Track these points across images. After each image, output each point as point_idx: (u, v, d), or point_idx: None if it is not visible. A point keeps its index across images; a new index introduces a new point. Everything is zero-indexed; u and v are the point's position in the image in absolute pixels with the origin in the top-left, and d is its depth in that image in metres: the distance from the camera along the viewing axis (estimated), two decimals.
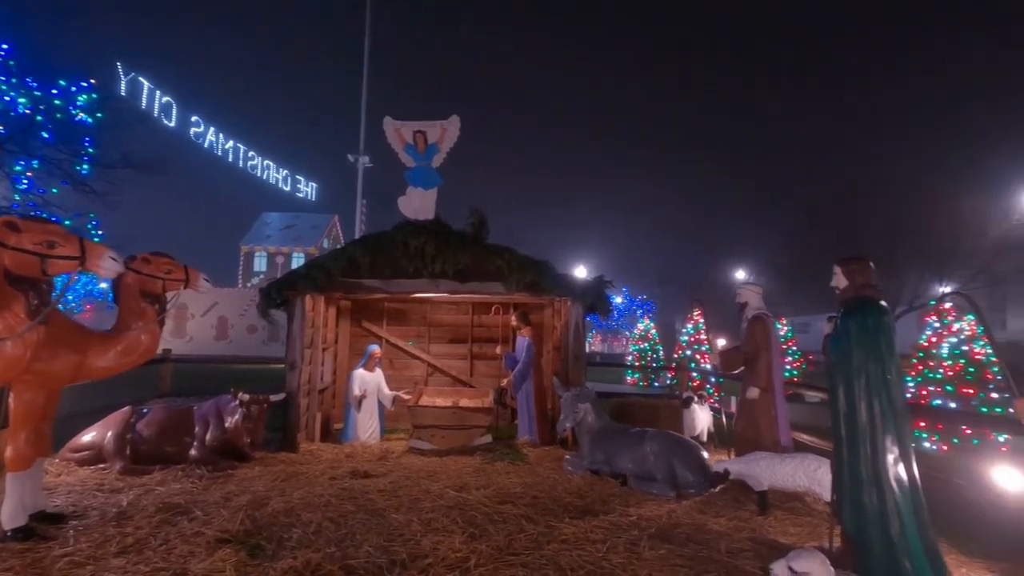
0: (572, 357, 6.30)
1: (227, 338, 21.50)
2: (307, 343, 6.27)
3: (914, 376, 9.00)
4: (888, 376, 3.16)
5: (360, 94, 16.66)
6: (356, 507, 4.10)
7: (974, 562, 3.46)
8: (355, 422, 6.46)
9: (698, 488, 4.70)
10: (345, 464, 5.37)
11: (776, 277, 26.18)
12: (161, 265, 4.01)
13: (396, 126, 6.33)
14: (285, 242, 44.39)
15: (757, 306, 5.23)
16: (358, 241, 6.42)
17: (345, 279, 6.11)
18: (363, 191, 17.43)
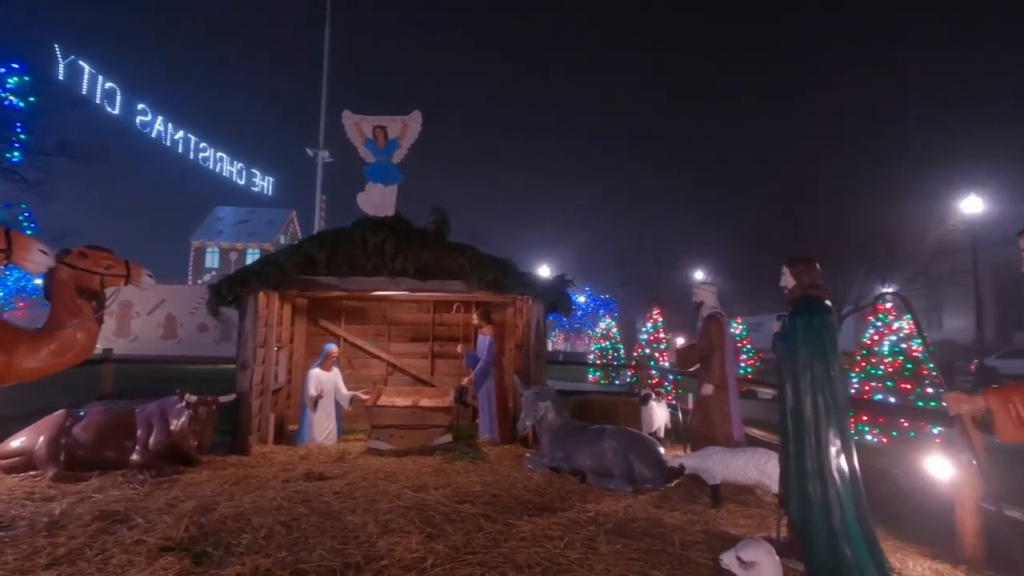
0: (533, 355, 6.32)
1: (175, 337, 20.56)
2: (260, 342, 6.07)
3: (858, 372, 9.46)
4: (832, 372, 3.30)
5: (320, 87, 16.27)
6: (310, 510, 4.00)
7: (909, 547, 3.65)
8: (311, 423, 6.30)
9: (654, 483, 4.80)
10: (299, 466, 5.23)
11: (732, 277, 27.06)
12: (99, 260, 3.79)
13: (355, 120, 6.20)
14: (239, 237, 42.73)
15: (712, 305, 5.37)
16: (315, 237, 6.26)
17: (301, 276, 5.94)
18: (323, 186, 16.98)
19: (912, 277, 23.15)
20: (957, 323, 29.81)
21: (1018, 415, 2.05)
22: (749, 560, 2.57)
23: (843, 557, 3.07)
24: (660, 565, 3.21)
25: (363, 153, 6.20)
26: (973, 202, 16.83)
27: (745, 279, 24.78)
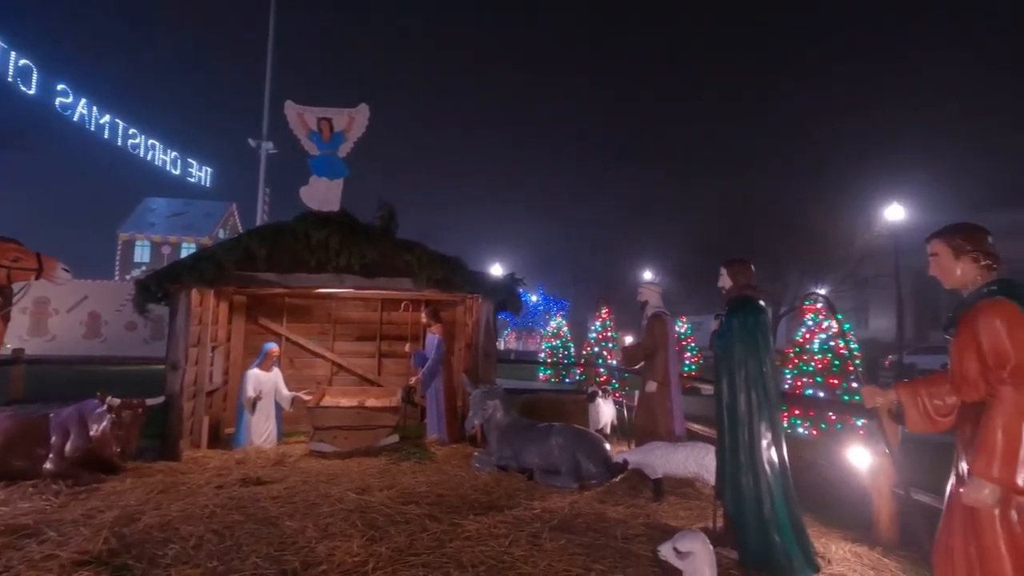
0: (482, 354, 6.30)
1: (99, 336, 19.09)
2: (193, 341, 5.75)
3: (791, 369, 9.98)
4: (764, 369, 3.46)
5: (264, 73, 15.50)
6: (245, 516, 3.83)
7: (832, 532, 3.87)
8: (248, 426, 6.02)
9: (600, 479, 4.89)
10: (235, 471, 5.00)
11: (678, 278, 27.97)
12: (5, 252, 3.49)
13: (299, 111, 5.97)
14: (173, 230, 40.04)
15: (656, 305, 5.51)
16: (255, 231, 5.99)
17: (239, 272, 5.67)
18: (266, 179, 16.20)
19: (842, 279, 24.68)
20: (881, 323, 31.98)
21: (925, 408, 2.19)
22: (685, 550, 2.64)
23: (773, 544, 3.23)
24: (602, 559, 3.27)
25: (307, 145, 5.98)
26: (895, 210, 18.08)
27: (691, 279, 25.66)
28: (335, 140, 6.00)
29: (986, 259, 2.11)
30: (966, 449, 1.99)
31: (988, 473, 1.83)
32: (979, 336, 1.94)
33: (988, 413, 1.88)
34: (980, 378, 1.94)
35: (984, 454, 1.84)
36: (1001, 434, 1.82)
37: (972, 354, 1.96)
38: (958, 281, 2.17)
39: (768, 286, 22.73)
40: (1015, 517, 1.83)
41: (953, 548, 1.95)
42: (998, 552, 1.83)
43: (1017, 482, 1.79)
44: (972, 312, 2.01)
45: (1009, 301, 1.95)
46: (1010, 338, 1.88)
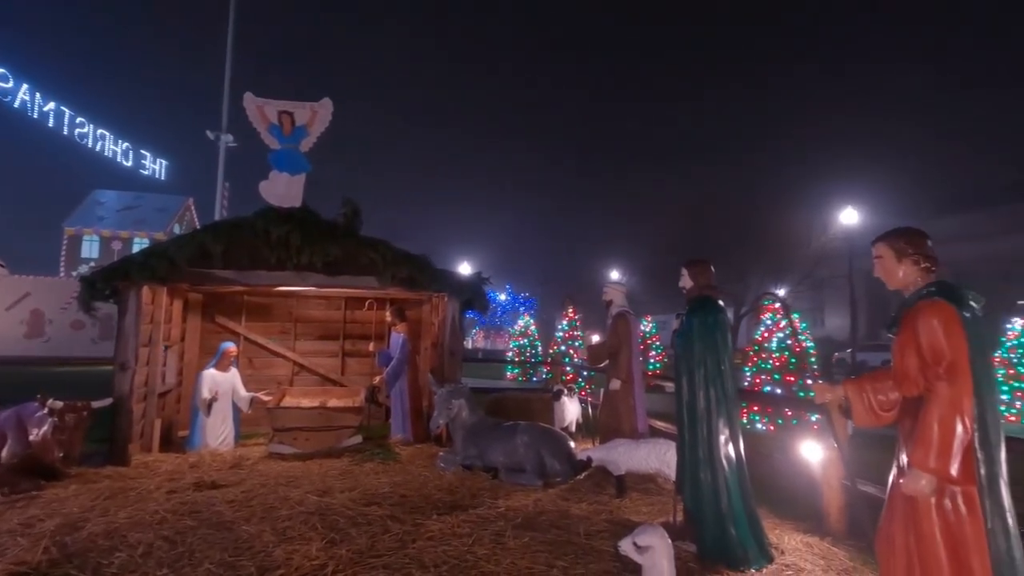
0: (448, 353, 6.25)
1: (43, 335, 18.02)
2: (144, 341, 5.51)
3: (751, 366, 10.29)
4: (723, 367, 3.55)
5: (224, 64, 14.83)
6: (198, 522, 3.71)
7: (786, 523, 4.00)
8: (203, 428, 5.81)
9: (564, 476, 4.92)
10: (188, 475, 4.82)
11: (645, 278, 28.46)
12: None
13: (259, 104, 5.79)
14: (124, 225, 38.00)
15: (620, 304, 5.58)
16: (210, 227, 5.77)
17: (193, 269, 5.46)
18: (226, 173, 15.58)
19: (800, 280, 25.59)
20: (836, 322, 33.25)
21: (870, 403, 2.29)
22: (644, 545, 2.68)
23: (729, 536, 3.32)
24: (564, 555, 3.29)
25: (267, 139, 5.81)
26: (849, 214, 18.87)
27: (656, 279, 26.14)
28: (297, 134, 5.85)
29: (926, 262, 2.22)
30: (906, 442, 2.08)
31: (925, 464, 1.92)
32: (918, 335, 2.03)
33: (925, 407, 1.97)
34: (919, 374, 2.04)
35: (921, 446, 1.93)
36: (937, 427, 1.91)
37: (912, 352, 2.05)
38: (900, 282, 2.27)
39: (730, 287, 23.38)
40: (949, 505, 1.93)
41: (894, 536, 2.04)
42: (933, 539, 1.93)
43: (951, 472, 1.89)
44: (912, 312, 2.11)
45: (946, 302, 2.05)
46: (946, 337, 1.98)
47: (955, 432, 1.89)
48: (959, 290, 2.10)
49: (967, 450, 1.90)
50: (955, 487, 1.92)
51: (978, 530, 1.87)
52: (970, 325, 2.01)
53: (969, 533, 1.87)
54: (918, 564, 1.95)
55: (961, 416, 1.90)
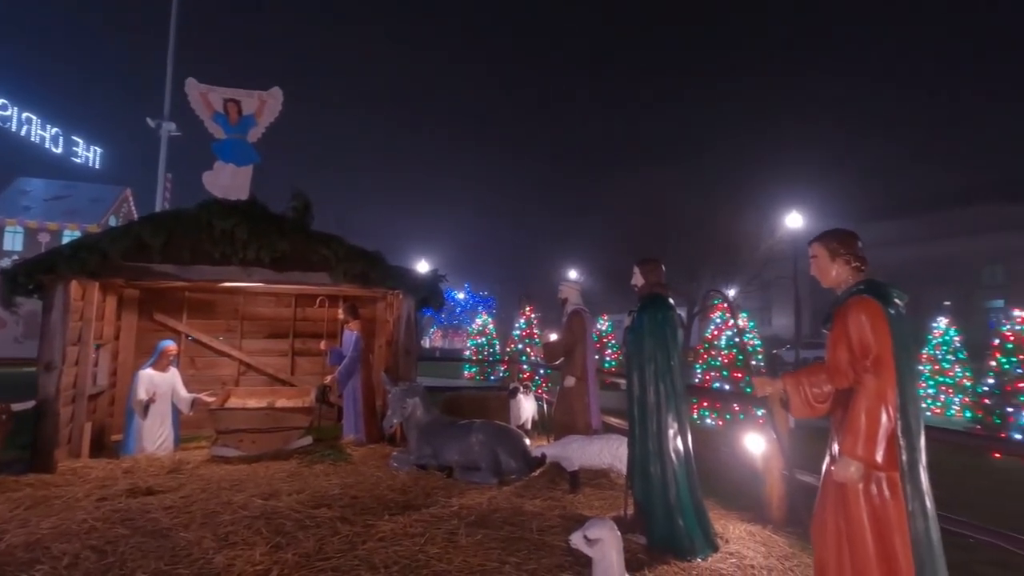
0: (403, 351, 6.15)
1: None
2: (73, 339, 5.15)
3: (701, 363, 10.62)
4: (672, 363, 3.64)
5: (167, 47, 13.95)
6: (131, 530, 3.51)
7: (731, 514, 4.15)
8: (139, 431, 5.49)
9: (519, 474, 4.94)
10: (121, 481, 4.55)
11: (602, 277, 28.91)
12: None
13: (202, 91, 5.51)
14: (53, 216, 35.05)
15: (576, 302, 5.63)
16: (147, 219, 5.44)
17: (128, 263, 5.15)
18: (168, 163, 14.74)
19: (748, 281, 26.64)
20: (782, 321, 34.82)
21: (806, 395, 2.39)
22: (594, 538, 2.71)
23: (677, 527, 3.41)
24: (517, 551, 3.30)
25: (211, 128, 5.54)
26: (795, 218, 19.74)
27: (613, 278, 26.62)
28: (244, 124, 5.61)
29: (856, 261, 2.34)
30: (837, 431, 2.19)
31: (854, 452, 2.02)
32: (848, 330, 2.15)
33: (854, 399, 2.08)
34: (849, 367, 2.15)
35: (850, 435, 2.04)
36: (864, 417, 2.02)
37: (843, 346, 2.16)
38: (833, 281, 2.39)
39: (683, 286, 24.08)
40: (874, 490, 2.04)
41: (826, 521, 2.15)
42: (861, 522, 2.03)
43: (876, 459, 2.00)
44: (843, 309, 2.23)
45: (873, 299, 2.17)
46: (873, 332, 2.09)
47: (880, 422, 2.00)
48: (885, 288, 2.23)
49: (891, 438, 2.02)
50: (880, 473, 2.03)
51: (900, 512, 1.99)
52: (894, 321, 2.13)
53: (892, 515, 1.99)
54: (847, 546, 2.06)
55: (886, 406, 2.01)
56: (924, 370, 12.07)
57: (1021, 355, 7.54)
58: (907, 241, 29.60)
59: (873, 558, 1.99)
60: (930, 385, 11.95)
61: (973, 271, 28.37)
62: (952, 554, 2.27)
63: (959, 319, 19.31)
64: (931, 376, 12.02)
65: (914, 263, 29.09)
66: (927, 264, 28.96)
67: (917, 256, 29.26)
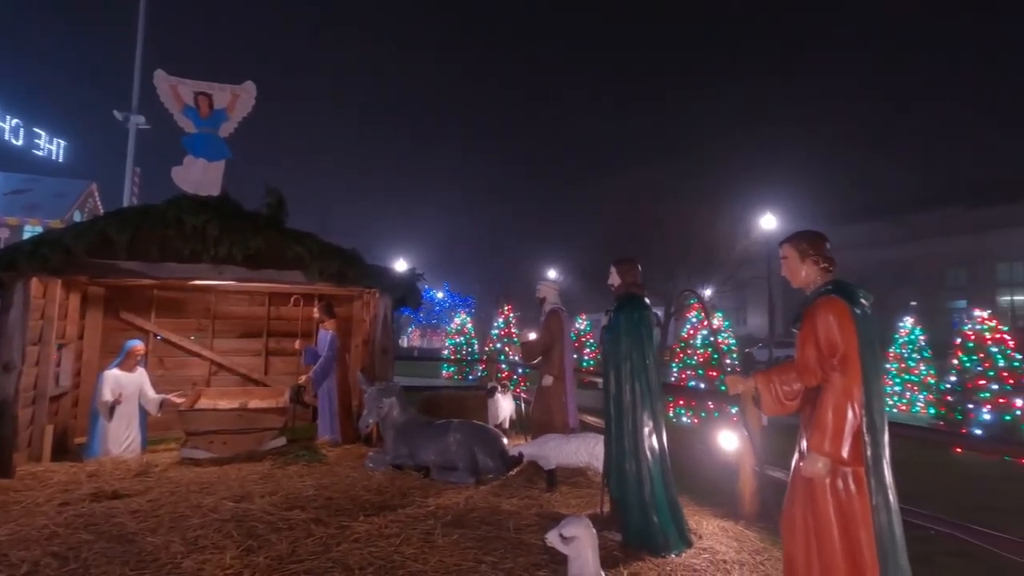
0: (380, 351, 6.09)
1: None
2: (34, 338, 4.97)
3: (677, 362, 10.77)
4: (647, 361, 3.67)
5: (135, 36, 13.44)
6: (95, 535, 3.41)
7: (704, 509, 4.22)
8: (104, 434, 5.31)
9: (497, 473, 4.93)
10: (85, 485, 4.41)
11: (581, 277, 29.10)
12: None
13: (172, 83, 5.37)
14: (12, 211, 33.31)
15: (553, 301, 5.65)
16: (113, 214, 5.26)
17: (93, 260, 4.98)
18: (136, 157, 14.22)
19: (724, 281, 27.11)
20: (757, 320, 35.53)
21: (777, 393, 2.44)
22: (570, 536, 2.72)
23: (652, 524, 3.44)
24: (494, 551, 3.30)
25: (181, 121, 5.39)
26: (769, 220, 20.15)
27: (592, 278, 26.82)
28: (216, 118, 5.48)
29: (824, 262, 2.40)
30: (806, 428, 2.24)
31: (821, 448, 2.07)
32: (816, 329, 2.20)
33: (821, 396, 2.13)
34: (817, 366, 2.20)
35: (818, 432, 2.09)
36: (831, 414, 2.07)
37: (811, 345, 2.22)
38: (802, 281, 2.44)
39: (660, 286, 24.38)
40: (841, 485, 2.10)
41: (795, 515, 2.19)
42: (828, 516, 2.09)
43: (843, 455, 2.05)
44: (812, 309, 2.28)
45: (840, 299, 2.22)
46: (840, 331, 2.15)
47: (846, 418, 2.05)
48: (852, 288, 2.29)
49: (856, 434, 2.07)
50: (846, 468, 2.08)
51: (864, 506, 2.04)
52: (860, 321, 2.19)
53: (857, 509, 2.04)
54: (815, 540, 2.11)
55: (852, 403, 2.07)
56: (891, 368, 12.44)
57: (981, 354, 7.82)
58: (876, 244, 30.49)
59: (839, 551, 2.04)
60: (896, 383, 12.33)
61: (938, 273, 29.37)
62: (914, 546, 2.34)
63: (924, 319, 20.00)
64: (897, 374, 12.40)
65: (883, 265, 30.02)
66: (895, 266, 29.91)
67: (886, 258, 30.19)
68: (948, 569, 3.29)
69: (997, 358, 7.66)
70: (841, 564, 2.02)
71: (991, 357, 7.69)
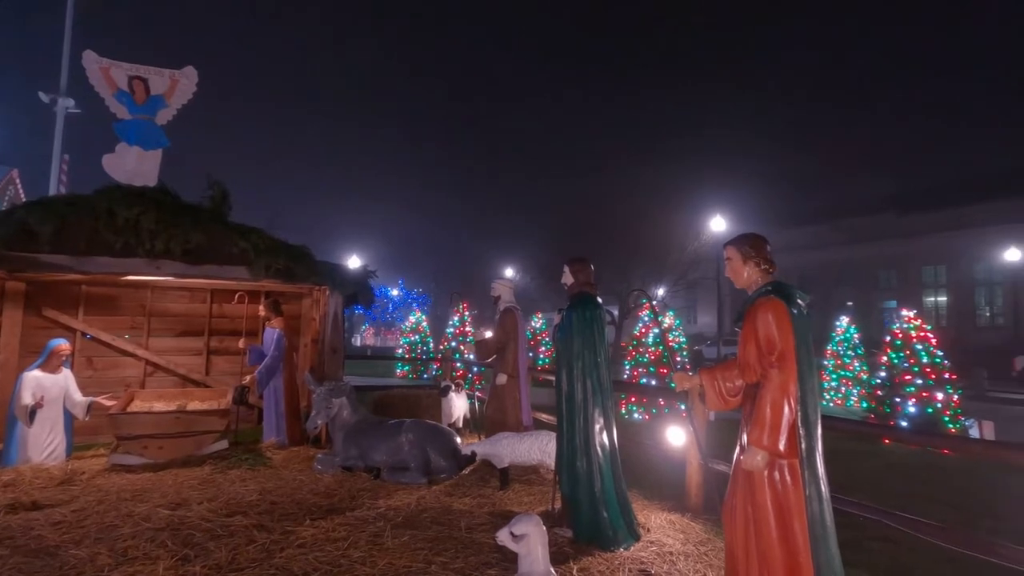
0: (329, 350, 5.92)
1: None
2: None
3: (630, 360, 10.99)
4: (599, 359, 3.72)
5: (64, 11, 12.43)
6: (10, 549, 3.18)
7: (652, 504, 4.31)
8: (23, 440, 4.91)
9: (450, 472, 4.89)
10: (1, 496, 4.07)
11: (537, 275, 29.26)
12: None
13: (103, 65, 5.03)
14: None
15: (508, 300, 5.64)
16: (35, 204, 4.88)
17: (11, 252, 4.61)
18: (64, 143, 13.19)
19: (676, 281, 27.85)
20: (706, 319, 36.71)
21: (720, 390, 2.53)
22: (520, 533, 2.72)
23: (601, 519, 3.49)
24: (444, 551, 3.27)
25: (113, 106, 5.06)
26: (718, 222, 20.88)
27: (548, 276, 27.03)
28: (153, 104, 5.17)
29: (765, 264, 2.51)
30: (746, 423, 2.33)
31: (760, 442, 2.15)
32: (757, 328, 2.29)
33: (760, 392, 2.22)
34: (758, 363, 2.29)
35: (757, 426, 2.17)
36: (769, 409, 2.16)
37: (752, 343, 2.30)
38: (745, 282, 2.54)
39: (615, 285, 24.83)
40: (777, 477, 2.19)
41: (736, 507, 2.28)
42: (766, 506, 2.17)
43: (780, 448, 2.14)
44: (752, 308, 2.38)
45: (779, 300, 2.32)
46: (778, 329, 2.24)
47: (783, 413, 2.15)
48: (789, 289, 2.39)
49: (792, 428, 2.17)
50: (783, 460, 2.18)
51: (799, 496, 2.14)
52: (797, 320, 2.30)
53: (792, 499, 2.14)
54: (753, 529, 2.19)
55: (788, 399, 2.16)
56: (828, 364, 13.12)
57: (907, 351, 8.35)
58: (818, 246, 32.13)
59: (775, 539, 2.13)
60: (833, 378, 13.01)
61: (871, 275, 31.21)
62: (844, 532, 2.47)
63: (859, 318, 21.25)
64: (834, 370, 13.08)
65: (823, 266, 31.64)
66: (834, 267, 31.57)
67: (826, 260, 31.84)
68: (874, 553, 3.49)
69: (921, 355, 8.19)
70: (777, 551, 2.11)
71: (916, 354, 8.21)
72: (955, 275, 28.29)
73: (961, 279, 28.10)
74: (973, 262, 27.19)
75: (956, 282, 28.30)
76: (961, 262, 27.71)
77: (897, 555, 3.48)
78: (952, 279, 28.47)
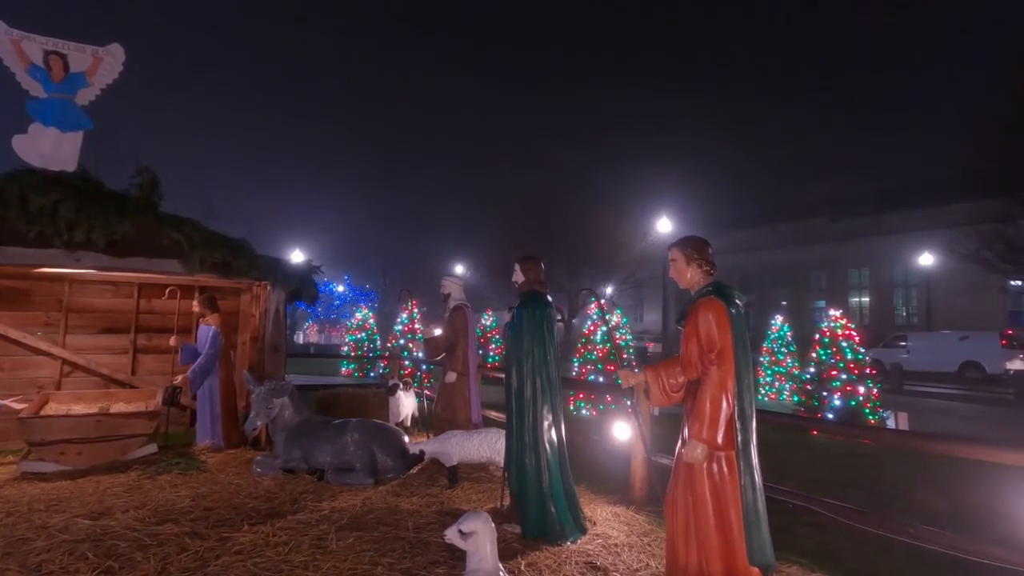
0: (270, 347, 5.69)
1: None
2: None
3: (578, 357, 11.17)
4: (548, 357, 3.76)
5: None
6: None
7: (599, 497, 4.39)
8: None
9: (397, 472, 4.81)
10: None
11: (487, 273, 29.25)
12: None
13: (14, 37, 4.58)
14: None
15: (458, 297, 5.60)
16: None
17: None
18: None
19: (624, 279, 28.57)
20: (653, 317, 37.84)
21: (664, 385, 2.61)
22: (468, 531, 2.70)
23: (549, 514, 3.53)
24: (391, 551, 3.21)
25: (25, 83, 4.61)
26: (664, 223, 21.57)
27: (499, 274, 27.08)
28: (72, 82, 4.76)
29: (707, 266, 2.61)
30: (687, 417, 2.43)
31: (699, 435, 2.25)
32: (698, 327, 2.39)
33: (700, 387, 2.33)
34: (698, 360, 2.39)
35: (697, 420, 2.27)
36: (708, 404, 2.26)
37: (693, 341, 2.40)
38: (688, 283, 2.64)
39: (565, 284, 25.19)
40: (716, 468, 2.30)
41: (677, 498, 2.36)
42: (704, 497, 2.27)
43: (718, 441, 2.24)
44: (694, 308, 2.48)
45: (719, 300, 2.43)
46: (718, 328, 2.35)
47: (721, 408, 2.25)
48: (728, 290, 2.52)
49: (729, 422, 2.28)
50: (720, 453, 2.28)
51: (735, 486, 2.25)
52: (735, 319, 2.41)
53: (728, 489, 2.25)
54: (692, 518, 2.29)
55: (726, 394, 2.27)
56: (763, 361, 13.82)
57: (834, 348, 8.91)
58: (756, 248, 33.80)
59: (713, 527, 2.23)
60: (768, 374, 13.72)
61: (804, 276, 33.14)
62: (775, 519, 2.60)
63: (792, 317, 22.50)
64: (769, 366, 13.80)
65: (762, 267, 33.34)
66: (771, 268, 33.33)
67: (764, 261, 33.56)
68: (803, 538, 3.70)
69: (846, 351, 8.77)
70: (714, 538, 2.21)
71: (841, 351, 8.79)
72: (877, 277, 30.47)
73: (881, 281, 30.31)
74: (892, 266, 29.35)
75: (877, 284, 30.51)
76: (882, 266, 29.86)
77: (823, 539, 3.70)
78: (874, 281, 30.66)
